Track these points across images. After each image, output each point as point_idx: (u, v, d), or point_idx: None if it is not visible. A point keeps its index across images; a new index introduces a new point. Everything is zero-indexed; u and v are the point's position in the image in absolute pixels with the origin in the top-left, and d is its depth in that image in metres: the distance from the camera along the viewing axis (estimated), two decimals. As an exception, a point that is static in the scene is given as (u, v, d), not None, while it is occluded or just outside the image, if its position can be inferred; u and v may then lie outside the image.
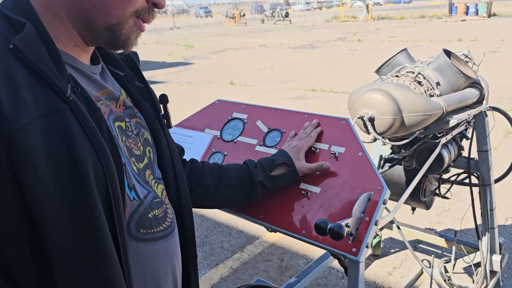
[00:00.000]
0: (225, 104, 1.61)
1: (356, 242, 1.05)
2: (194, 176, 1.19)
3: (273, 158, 1.23)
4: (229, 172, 1.21)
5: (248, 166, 1.22)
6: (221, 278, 3.03)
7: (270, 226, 1.22)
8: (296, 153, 1.26)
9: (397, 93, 1.87)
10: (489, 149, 2.40)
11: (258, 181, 1.19)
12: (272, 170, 1.21)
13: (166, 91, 8.70)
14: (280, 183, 1.23)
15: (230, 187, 1.20)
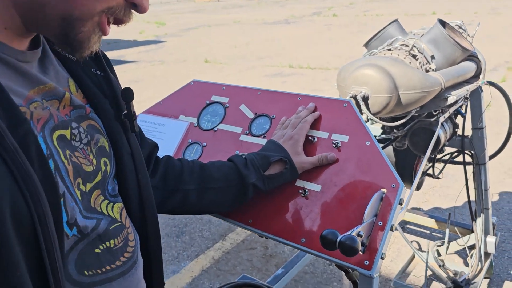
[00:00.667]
0: (202, 86, 1.38)
1: (369, 253, 0.87)
2: (170, 179, 0.99)
3: (266, 154, 1.02)
4: (214, 173, 1.01)
5: (236, 165, 1.02)
6: (203, 270, 2.86)
7: (262, 233, 1.03)
8: (293, 146, 1.06)
9: (393, 69, 1.69)
10: (484, 126, 2.25)
11: (250, 183, 1.00)
12: (266, 168, 1.01)
13: (138, 71, 8.40)
14: (276, 184, 1.04)
15: (216, 191, 1.00)
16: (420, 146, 2.06)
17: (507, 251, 2.83)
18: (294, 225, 0.99)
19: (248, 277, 2.04)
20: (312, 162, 1.05)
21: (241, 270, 2.81)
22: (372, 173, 0.95)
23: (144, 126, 1.38)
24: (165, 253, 3.07)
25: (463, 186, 2.40)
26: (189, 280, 2.78)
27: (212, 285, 2.73)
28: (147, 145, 0.98)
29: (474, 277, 2.27)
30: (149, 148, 0.98)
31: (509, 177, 3.80)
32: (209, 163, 1.04)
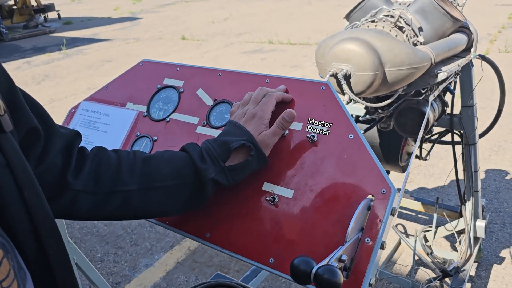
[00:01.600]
0: (154, 67, 1.16)
1: (354, 279, 0.68)
2: (104, 179, 0.78)
3: (225, 140, 0.83)
4: (162, 168, 0.81)
5: (191, 155, 0.82)
6: (178, 263, 2.68)
7: (222, 250, 0.83)
8: (257, 125, 0.86)
9: (378, 43, 1.49)
10: (474, 104, 2.09)
11: (209, 179, 0.81)
12: (226, 158, 0.83)
13: (112, 50, 8.08)
14: (242, 176, 0.85)
15: (165, 191, 0.81)
16: (407, 127, 1.89)
17: (495, 232, 2.73)
18: (261, 241, 0.80)
19: (222, 275, 1.87)
20: (273, 133, 0.86)
21: (218, 261, 2.65)
22: (357, 175, 0.76)
23: (87, 116, 1.17)
24: (137, 245, 2.88)
25: (452, 169, 2.24)
26: (163, 274, 2.61)
27: (188, 278, 2.56)
28: (61, 137, 0.76)
29: (464, 264, 2.15)
30: (64, 140, 0.77)
31: (494, 154, 3.69)
32: (156, 154, 0.84)
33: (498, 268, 2.42)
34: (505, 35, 7.62)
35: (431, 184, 3.35)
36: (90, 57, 8.98)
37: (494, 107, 4.67)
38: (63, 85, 7.04)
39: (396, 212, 0.72)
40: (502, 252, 2.54)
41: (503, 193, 3.15)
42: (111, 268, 2.68)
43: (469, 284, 2.30)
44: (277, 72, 6.56)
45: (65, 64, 8.59)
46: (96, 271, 1.39)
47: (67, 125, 1.19)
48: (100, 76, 7.30)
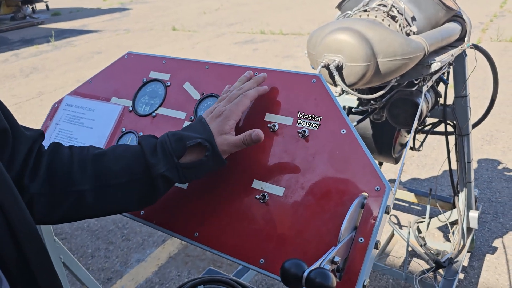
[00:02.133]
0: (139, 59, 1.12)
1: (347, 280, 0.66)
2: (57, 180, 0.75)
3: (183, 136, 0.80)
4: (112, 165, 0.78)
5: (143, 150, 0.79)
6: (170, 257, 2.65)
7: (211, 250, 0.81)
8: (220, 125, 0.82)
9: (371, 33, 1.45)
10: (468, 94, 2.07)
11: (158, 175, 0.77)
12: (181, 154, 0.79)
13: (102, 41, 7.98)
14: (196, 175, 0.81)
15: (117, 189, 0.78)
16: (400, 119, 1.86)
17: (488, 222, 2.73)
18: (251, 241, 0.77)
19: (215, 270, 1.85)
20: (235, 144, 0.81)
21: (211, 255, 2.62)
22: (350, 172, 0.73)
23: (71, 111, 1.12)
24: (129, 240, 2.85)
25: (445, 159, 2.23)
26: (155, 269, 2.58)
27: (180, 273, 2.53)
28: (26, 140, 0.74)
29: (457, 255, 2.14)
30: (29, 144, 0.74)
31: (487, 144, 3.69)
32: (108, 150, 0.81)
33: (491, 258, 2.42)
34: (496, 23, 7.61)
35: (424, 174, 3.35)
36: (80, 49, 8.85)
37: (486, 97, 4.67)
38: (52, 78, 6.94)
39: (390, 210, 0.69)
40: (494, 242, 2.54)
41: (495, 182, 3.15)
42: (102, 263, 2.65)
43: (462, 275, 2.30)
44: (269, 63, 6.52)
45: (54, 56, 8.46)
46: (83, 269, 1.36)
47: (50, 121, 1.15)
48: (90, 68, 7.20)
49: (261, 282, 2.38)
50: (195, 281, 1.49)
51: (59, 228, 3.02)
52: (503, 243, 2.52)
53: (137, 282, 2.47)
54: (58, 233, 2.97)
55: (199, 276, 1.55)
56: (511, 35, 6.75)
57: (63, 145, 0.81)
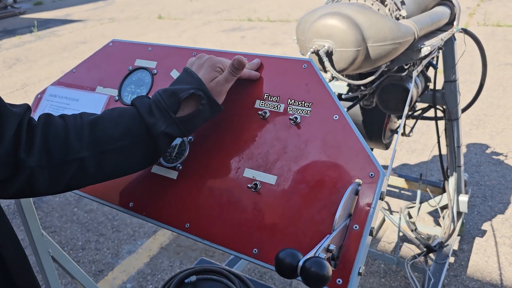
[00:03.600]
0: (124, 47, 1.08)
1: (342, 268, 0.64)
2: (55, 150, 0.74)
3: (174, 90, 0.79)
4: (110, 130, 0.77)
5: (138, 110, 0.78)
6: (161, 248, 2.64)
7: (202, 241, 0.79)
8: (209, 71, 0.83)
9: (361, 17, 1.43)
10: (457, 79, 2.06)
11: (160, 133, 0.78)
12: (177, 109, 0.79)
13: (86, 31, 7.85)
14: (196, 126, 0.83)
15: (119, 153, 0.77)
16: (390, 104, 1.86)
17: (477, 206, 2.76)
18: (243, 231, 0.75)
19: (207, 260, 1.84)
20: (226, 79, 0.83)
21: (203, 245, 2.61)
22: (343, 159, 0.71)
23: (55, 102, 1.09)
24: (119, 232, 2.83)
25: (435, 144, 2.23)
26: (147, 260, 2.57)
27: (172, 263, 2.52)
28: (14, 117, 0.71)
29: (447, 239, 2.16)
30: (17, 120, 0.72)
31: (475, 128, 3.72)
32: (103, 115, 0.79)
33: (480, 241, 2.45)
34: (483, 8, 7.64)
35: (414, 160, 3.36)
36: (64, 39, 8.69)
37: (474, 81, 4.71)
38: (36, 69, 6.81)
39: (384, 196, 0.68)
40: (483, 225, 2.57)
41: (484, 166, 3.18)
42: (93, 256, 2.63)
43: (453, 258, 2.33)
44: (257, 51, 6.46)
45: (37, 46, 8.29)
46: (73, 262, 1.34)
47: (33, 112, 1.11)
48: (75, 58, 7.07)
49: (253, 270, 2.38)
50: (187, 272, 1.48)
51: (48, 222, 2.98)
52: (492, 226, 2.55)
53: (129, 273, 2.46)
54: (47, 226, 2.94)
55: (191, 267, 1.54)
56: (498, 20, 6.78)
57: (54, 115, 0.79)
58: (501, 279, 2.18)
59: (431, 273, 1.99)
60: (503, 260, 2.29)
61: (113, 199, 0.93)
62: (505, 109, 3.99)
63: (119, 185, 0.93)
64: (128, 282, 2.39)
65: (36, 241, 1.18)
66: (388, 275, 2.26)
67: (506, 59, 5.21)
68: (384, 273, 2.28)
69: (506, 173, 3.06)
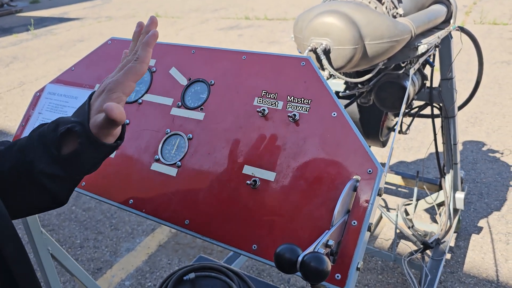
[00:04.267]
0: (123, 45, 1.09)
1: (341, 263, 0.65)
2: None
3: (59, 121, 0.67)
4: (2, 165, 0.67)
5: (29, 141, 0.68)
6: (160, 246, 2.64)
7: (202, 237, 0.80)
8: (103, 100, 0.67)
9: (358, 15, 1.44)
10: (453, 77, 2.08)
11: (38, 172, 0.66)
12: (59, 145, 0.66)
13: (83, 29, 7.82)
14: (79, 167, 0.68)
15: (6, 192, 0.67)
16: (387, 102, 1.87)
17: (473, 203, 2.77)
18: (243, 227, 0.76)
19: (205, 257, 1.84)
20: (100, 125, 0.65)
21: (201, 242, 2.62)
22: (341, 155, 0.72)
23: (53, 100, 1.09)
24: (118, 230, 2.83)
25: (431, 141, 2.25)
26: (145, 257, 2.57)
27: (171, 261, 2.53)
28: None
29: (444, 235, 2.18)
30: None
31: (471, 126, 3.74)
32: (17, 141, 0.70)
33: (476, 238, 2.46)
34: (480, 6, 7.66)
35: (411, 157, 3.38)
36: (61, 37, 8.66)
37: (470, 79, 4.73)
38: (33, 67, 6.79)
39: (382, 192, 0.69)
40: (480, 222, 2.59)
41: (480, 164, 3.20)
42: (92, 254, 2.63)
43: (449, 255, 2.34)
44: (254, 49, 6.46)
45: (34, 45, 8.26)
46: (72, 259, 1.35)
47: (32, 110, 1.12)
48: (72, 56, 7.06)
49: (252, 267, 2.39)
50: (186, 269, 1.48)
51: (46, 220, 2.98)
52: (488, 223, 2.57)
53: (127, 271, 2.46)
54: (45, 224, 2.94)
55: (190, 264, 1.54)
56: (494, 18, 6.81)
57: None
58: (497, 275, 2.20)
59: (428, 270, 2.01)
60: (499, 256, 2.31)
61: (113, 196, 0.93)
62: (501, 107, 4.01)
63: (119, 183, 0.94)
64: (127, 280, 2.40)
65: (35, 239, 1.19)
66: (385, 272, 2.28)
67: (502, 57, 5.24)
68: (382, 270, 2.29)
69: (502, 171, 3.08)
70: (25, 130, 1.10)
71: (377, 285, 2.20)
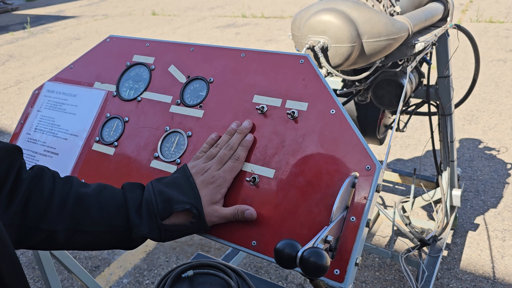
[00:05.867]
0: (122, 43, 1.09)
1: (340, 259, 0.66)
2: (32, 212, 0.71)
3: (171, 197, 0.76)
4: (94, 213, 0.75)
5: (127, 206, 0.76)
6: (158, 244, 2.65)
7: (201, 234, 0.80)
8: (212, 193, 0.78)
9: (355, 13, 1.45)
10: (450, 74, 2.09)
11: (139, 236, 0.76)
12: (166, 217, 0.76)
13: (80, 27, 7.80)
14: (176, 237, 0.79)
15: (92, 235, 0.76)
16: (385, 99, 1.88)
17: (469, 200, 2.79)
18: (242, 224, 0.77)
19: (203, 255, 1.85)
20: (225, 217, 0.78)
21: (199, 240, 2.63)
22: (340, 152, 0.73)
23: (52, 98, 1.09)
24: (115, 228, 2.83)
25: (428, 139, 2.26)
26: (143, 255, 2.57)
27: (168, 259, 2.53)
28: (3, 159, 0.69)
29: (441, 232, 2.19)
30: (5, 163, 0.69)
31: (468, 123, 3.75)
32: (92, 191, 0.77)
33: (473, 235, 2.48)
34: (476, 4, 7.69)
35: (408, 155, 3.39)
36: (57, 35, 8.64)
37: (467, 77, 4.75)
38: (29, 66, 6.76)
39: (380, 188, 0.69)
40: (476, 219, 2.61)
41: (476, 161, 3.22)
42: (89, 252, 2.63)
43: (446, 252, 2.36)
44: (251, 47, 6.47)
45: (31, 43, 8.23)
46: (71, 257, 1.35)
47: (31, 108, 1.12)
48: (69, 55, 7.04)
49: (250, 265, 2.39)
50: (184, 266, 1.49)
51: (43, 218, 2.98)
52: (485, 220, 2.59)
53: (125, 269, 2.47)
54: (43, 223, 2.93)
55: (188, 261, 1.55)
56: (490, 16, 6.83)
57: (46, 171, 0.76)
58: (494, 272, 2.22)
59: (425, 266, 2.02)
60: (495, 253, 2.33)
61: (112, 193, 0.93)
62: (497, 105, 4.03)
63: (118, 180, 0.94)
64: (125, 278, 2.40)
65: (34, 236, 1.19)
66: (382, 269, 2.29)
67: (499, 55, 5.26)
68: (379, 267, 2.31)
69: (498, 168, 3.10)
70: (23, 128, 1.10)
71: (374, 282, 2.21)
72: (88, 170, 0.97)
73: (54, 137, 1.03)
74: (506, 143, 3.40)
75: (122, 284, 2.36)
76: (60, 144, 1.02)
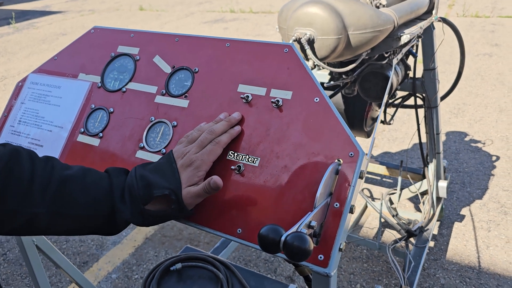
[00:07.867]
0: (106, 34, 1.08)
1: (323, 245, 0.67)
2: (11, 196, 0.69)
3: (151, 183, 0.76)
4: (78, 195, 0.74)
5: (113, 191, 0.76)
6: (146, 239, 2.64)
7: (187, 222, 0.80)
8: (191, 176, 0.78)
9: (341, 5, 1.45)
10: (436, 67, 2.11)
11: (122, 220, 0.77)
12: (147, 202, 0.76)
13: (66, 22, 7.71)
14: (158, 222, 0.79)
15: (76, 219, 0.75)
16: (371, 92, 1.89)
17: (455, 192, 2.83)
18: (227, 212, 0.77)
19: (192, 248, 1.85)
20: (197, 194, 0.77)
21: (188, 234, 2.63)
22: (324, 139, 0.73)
23: (36, 90, 1.08)
24: (104, 223, 2.82)
25: (415, 132, 2.28)
26: (132, 250, 2.57)
27: (157, 253, 2.53)
28: None
29: (427, 223, 2.22)
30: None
31: (454, 117, 3.80)
32: (75, 176, 0.75)
33: (459, 226, 2.52)
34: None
35: (395, 148, 3.42)
36: (43, 31, 8.52)
37: (453, 71, 4.79)
38: (15, 61, 6.67)
39: (364, 175, 0.70)
40: (462, 210, 2.64)
41: (462, 154, 3.26)
42: (77, 247, 2.62)
43: (433, 242, 2.39)
44: (240, 42, 6.46)
45: (16, 39, 8.11)
46: (58, 251, 1.34)
47: (15, 100, 1.11)
48: (55, 50, 6.95)
49: (239, 258, 2.40)
50: (173, 259, 1.49)
51: (31, 215, 2.95)
52: (470, 211, 2.62)
53: (114, 264, 2.46)
54: (30, 219, 2.91)
55: (176, 255, 1.55)
56: (476, 11, 6.90)
57: (22, 152, 0.73)
58: (479, 261, 2.25)
59: (412, 257, 2.05)
60: (480, 243, 2.36)
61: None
62: (483, 98, 4.08)
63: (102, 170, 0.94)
64: (114, 273, 2.39)
65: (20, 230, 1.18)
66: (370, 260, 2.31)
67: (484, 49, 5.32)
68: (367, 258, 2.33)
69: (484, 160, 3.14)
70: (7, 121, 1.09)
71: (362, 273, 2.24)
72: (73, 161, 0.96)
73: (38, 129, 1.03)
74: (492, 136, 3.44)
75: (111, 279, 2.35)
76: (45, 136, 1.01)
